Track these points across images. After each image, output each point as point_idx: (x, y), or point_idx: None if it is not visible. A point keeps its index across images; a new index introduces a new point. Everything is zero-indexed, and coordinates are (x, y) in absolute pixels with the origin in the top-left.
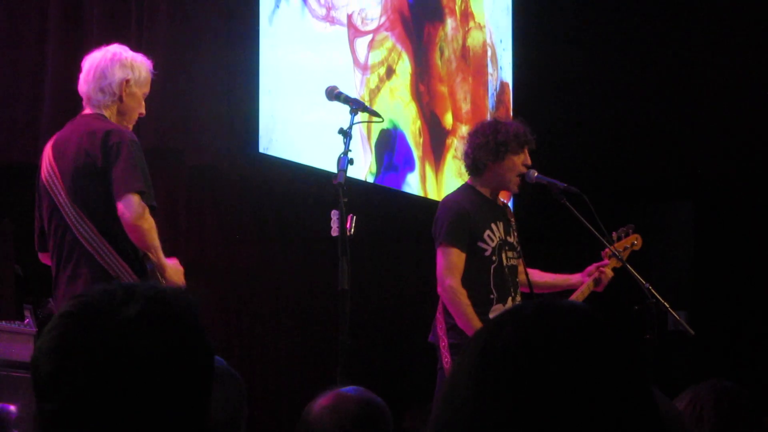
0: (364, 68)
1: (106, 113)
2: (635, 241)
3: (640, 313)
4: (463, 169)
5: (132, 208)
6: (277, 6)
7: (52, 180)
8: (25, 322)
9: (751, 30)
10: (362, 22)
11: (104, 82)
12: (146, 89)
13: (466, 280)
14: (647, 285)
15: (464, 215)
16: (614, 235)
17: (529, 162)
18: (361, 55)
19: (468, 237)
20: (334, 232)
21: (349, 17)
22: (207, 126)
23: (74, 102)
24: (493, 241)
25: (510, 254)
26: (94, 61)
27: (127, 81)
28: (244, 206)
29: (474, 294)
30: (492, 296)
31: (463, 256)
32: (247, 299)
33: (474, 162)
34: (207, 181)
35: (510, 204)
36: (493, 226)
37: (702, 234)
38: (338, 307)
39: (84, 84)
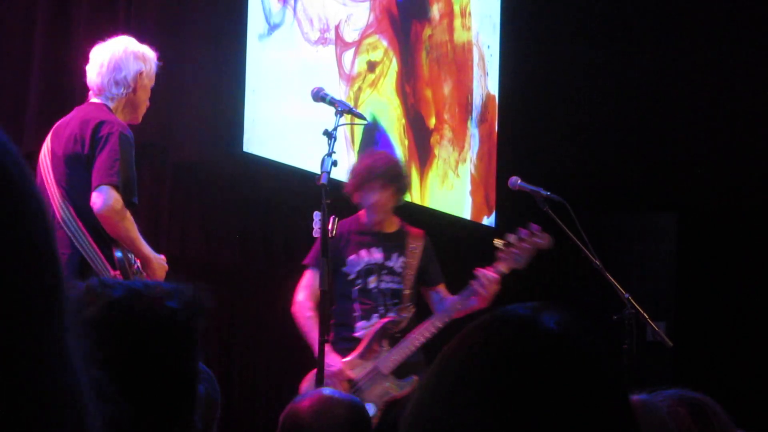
0: (350, 76)
1: (114, 105)
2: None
3: (618, 322)
4: (450, 175)
5: (102, 198)
6: (269, 34)
7: (45, 159)
8: None
9: (737, 44)
10: (349, 32)
11: (119, 74)
12: (153, 81)
13: (336, 300)
14: (627, 295)
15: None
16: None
17: (377, 192)
18: (347, 65)
19: (331, 262)
20: (316, 233)
21: (337, 28)
22: (191, 123)
23: (61, 93)
24: (357, 265)
25: (387, 278)
26: (105, 53)
27: (141, 73)
28: (227, 205)
29: (341, 313)
30: (356, 314)
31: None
32: (228, 297)
33: (349, 197)
34: (190, 179)
35: (493, 216)
36: (362, 251)
37: (685, 246)
38: (318, 308)
39: (97, 77)
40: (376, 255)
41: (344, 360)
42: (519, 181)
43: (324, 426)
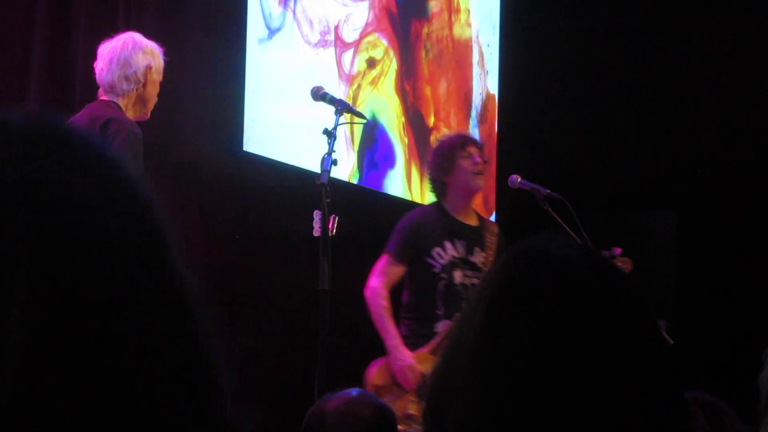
0: (349, 76)
1: (123, 102)
2: (623, 265)
3: None
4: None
5: None
6: (269, 38)
7: None
8: None
9: (736, 44)
10: (349, 32)
11: (129, 70)
12: (161, 76)
13: (414, 293)
14: None
15: (412, 230)
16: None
17: (476, 156)
18: (347, 65)
19: (411, 250)
20: (316, 233)
21: (336, 29)
22: (191, 122)
23: (61, 93)
24: (443, 258)
25: (469, 273)
26: (114, 49)
27: (150, 68)
28: (227, 204)
29: (420, 307)
30: (439, 312)
31: (400, 267)
32: (228, 297)
33: (434, 185)
34: (190, 178)
35: (492, 217)
36: (447, 243)
37: (684, 244)
38: (318, 307)
39: (107, 73)
40: (460, 248)
41: (414, 353)
42: (519, 179)
43: (346, 427)
